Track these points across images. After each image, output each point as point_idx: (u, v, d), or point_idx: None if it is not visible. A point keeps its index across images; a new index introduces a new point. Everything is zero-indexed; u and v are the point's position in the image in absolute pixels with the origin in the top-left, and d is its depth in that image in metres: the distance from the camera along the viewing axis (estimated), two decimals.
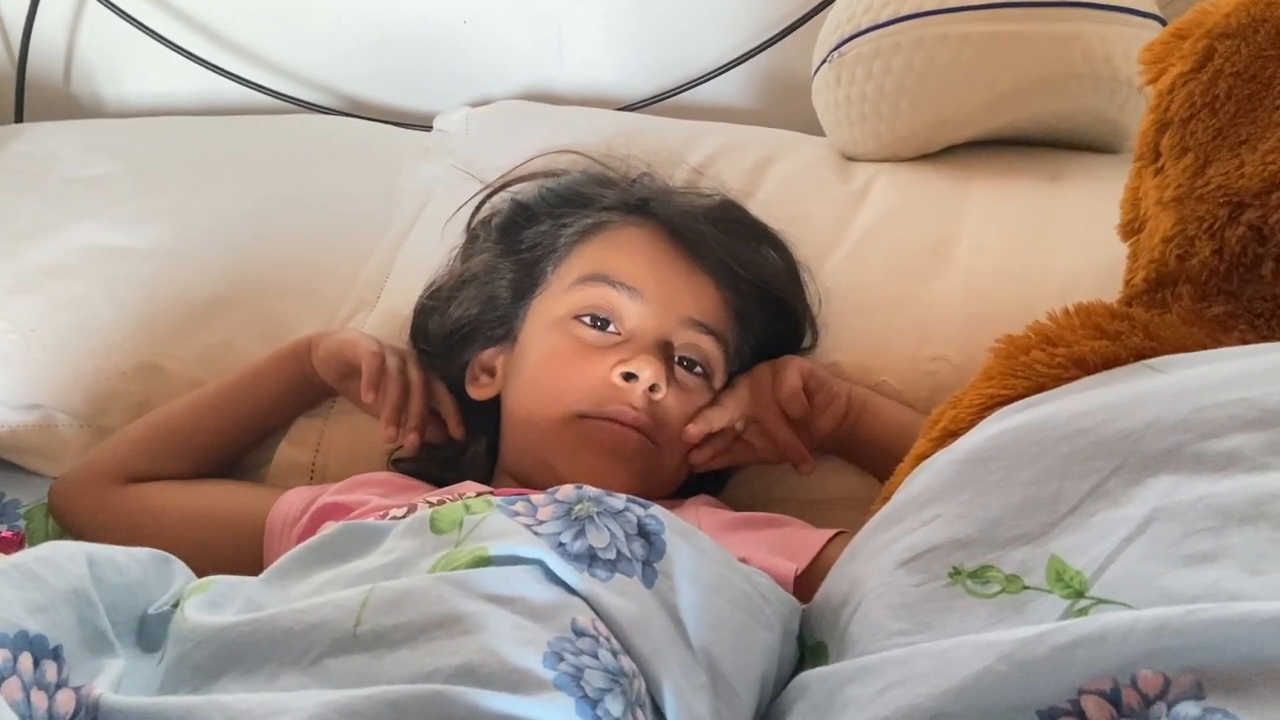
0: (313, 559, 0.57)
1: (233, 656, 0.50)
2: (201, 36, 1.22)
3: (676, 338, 0.76)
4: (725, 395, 0.78)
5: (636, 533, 0.55)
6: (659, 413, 0.74)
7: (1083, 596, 0.43)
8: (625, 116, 1.11)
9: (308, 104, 1.22)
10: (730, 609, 0.55)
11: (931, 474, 0.54)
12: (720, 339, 0.77)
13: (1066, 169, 0.91)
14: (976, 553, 0.48)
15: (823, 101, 0.98)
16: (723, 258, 0.78)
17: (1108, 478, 0.47)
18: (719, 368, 0.78)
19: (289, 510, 0.76)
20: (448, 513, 0.56)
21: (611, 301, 0.75)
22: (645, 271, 0.76)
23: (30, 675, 0.46)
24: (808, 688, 0.50)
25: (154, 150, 1.07)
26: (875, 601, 0.50)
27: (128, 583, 0.55)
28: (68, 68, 1.26)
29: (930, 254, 0.84)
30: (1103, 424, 0.49)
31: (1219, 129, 0.60)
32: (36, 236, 0.94)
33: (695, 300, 0.77)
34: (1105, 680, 0.38)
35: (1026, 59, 0.86)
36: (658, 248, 0.78)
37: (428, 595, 0.49)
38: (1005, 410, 0.56)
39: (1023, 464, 0.50)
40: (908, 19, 0.88)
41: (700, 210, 0.82)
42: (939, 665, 0.42)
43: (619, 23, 1.18)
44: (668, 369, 0.74)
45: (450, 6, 1.18)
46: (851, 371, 0.81)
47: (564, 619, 0.49)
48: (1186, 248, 0.61)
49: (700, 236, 0.79)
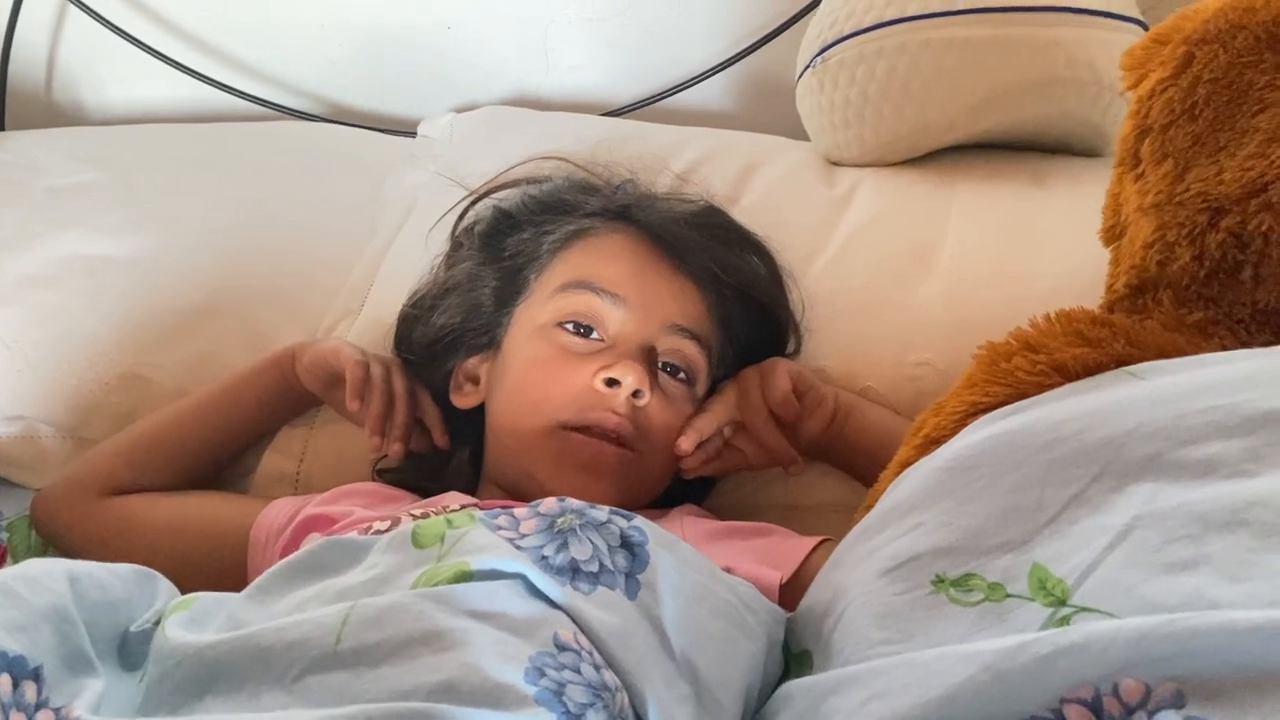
0: (295, 575, 0.57)
1: (214, 676, 0.50)
2: (184, 43, 1.22)
3: (660, 343, 0.76)
4: (713, 401, 0.78)
5: (619, 544, 0.55)
6: (642, 419, 0.74)
7: (1064, 605, 0.44)
8: (611, 122, 1.11)
9: (291, 111, 1.22)
10: (714, 619, 0.55)
11: (914, 482, 0.54)
12: (704, 344, 0.77)
13: (1050, 173, 0.92)
14: (959, 561, 0.48)
15: (807, 107, 0.98)
16: (705, 263, 0.78)
17: (1089, 485, 0.47)
18: (702, 373, 0.78)
19: (273, 522, 0.76)
20: (429, 527, 0.55)
21: (594, 308, 0.75)
22: (628, 278, 0.76)
23: (9, 696, 0.45)
24: (791, 698, 0.50)
25: (137, 158, 1.07)
26: (858, 611, 0.50)
27: (109, 600, 0.54)
28: (49, 75, 1.25)
29: (914, 259, 0.84)
30: (1084, 431, 0.49)
31: (1198, 135, 0.61)
32: (19, 246, 0.94)
33: (678, 305, 0.77)
34: (1087, 689, 0.38)
35: (1009, 64, 0.86)
36: (640, 254, 0.78)
37: (409, 611, 0.49)
38: (987, 418, 0.56)
39: (1004, 471, 0.50)
40: (891, 24, 0.88)
41: (683, 215, 0.82)
42: (921, 676, 0.42)
43: (604, 28, 1.18)
44: (651, 374, 0.74)
45: (434, 12, 1.18)
46: (836, 377, 0.81)
47: (546, 633, 0.49)
48: (1167, 253, 0.61)
49: (683, 241, 0.79)
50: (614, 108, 1.18)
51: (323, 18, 1.19)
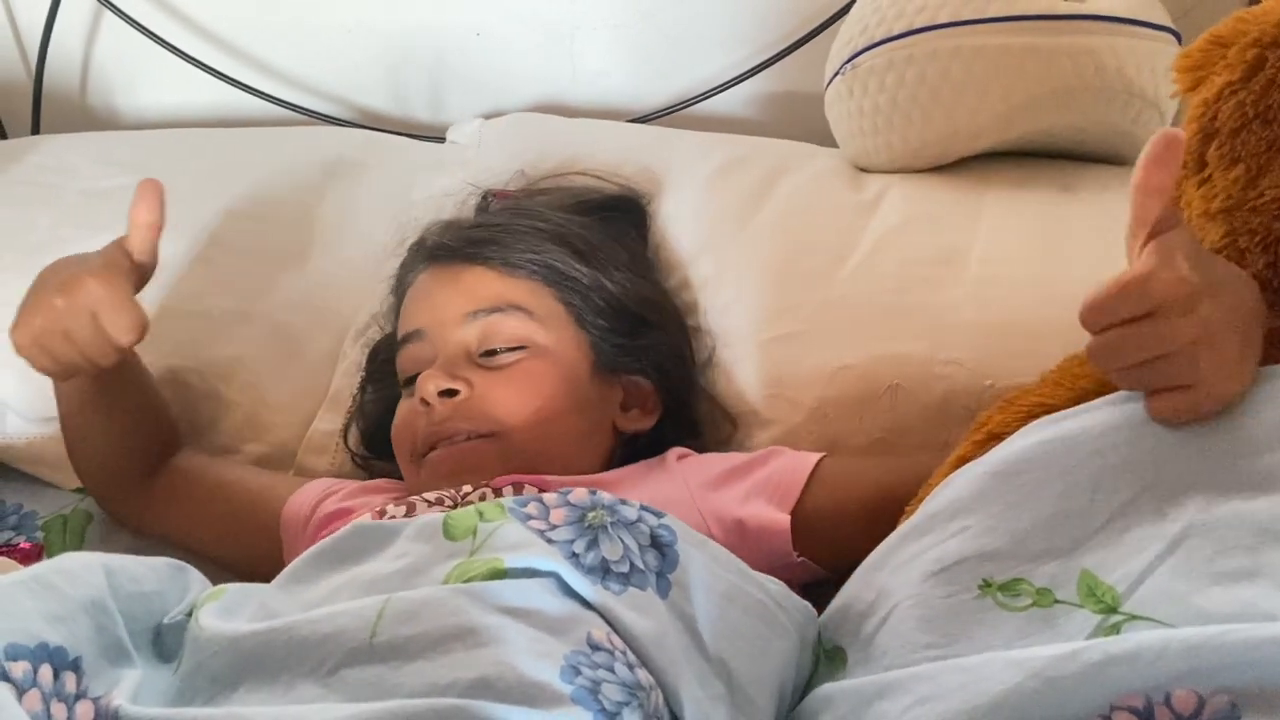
0: (324, 562, 0.57)
1: (249, 666, 0.50)
2: (216, 48, 1.23)
3: (468, 338, 0.77)
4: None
5: (650, 544, 0.55)
6: (478, 408, 0.74)
7: (1115, 612, 0.43)
8: (637, 128, 1.12)
9: (321, 115, 1.23)
10: (745, 618, 0.55)
11: (960, 485, 0.54)
12: (511, 309, 0.77)
13: (1079, 181, 0.91)
14: (1006, 565, 0.48)
15: (836, 113, 0.98)
16: (486, 243, 0.80)
17: (1140, 493, 0.47)
18: (536, 331, 0.77)
19: (300, 509, 0.78)
20: (461, 519, 0.56)
21: (408, 358, 0.79)
22: (419, 309, 0.81)
23: (50, 687, 0.46)
24: (832, 700, 0.50)
25: (169, 162, 1.08)
26: (904, 614, 0.49)
27: (144, 592, 0.55)
28: (84, 80, 1.26)
29: (943, 263, 0.84)
30: (1136, 439, 0.49)
31: (1272, 140, 0.59)
32: (54, 249, 0.94)
33: (469, 296, 0.78)
34: (1138, 698, 0.38)
35: (1040, 72, 0.86)
36: (429, 279, 0.82)
37: (444, 606, 0.49)
38: (1037, 423, 0.55)
39: (1053, 477, 0.50)
40: (922, 31, 0.88)
41: (473, 219, 0.87)
42: (968, 681, 0.42)
43: (630, 35, 1.18)
44: (450, 373, 0.75)
45: (463, 18, 1.19)
46: (864, 377, 0.80)
47: (579, 633, 0.50)
48: (1237, 259, 0.59)
49: (457, 239, 0.82)
50: (640, 114, 1.18)
51: (353, 23, 1.20)
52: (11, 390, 0.88)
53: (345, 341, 0.92)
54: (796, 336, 0.84)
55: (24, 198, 1.01)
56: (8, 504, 0.87)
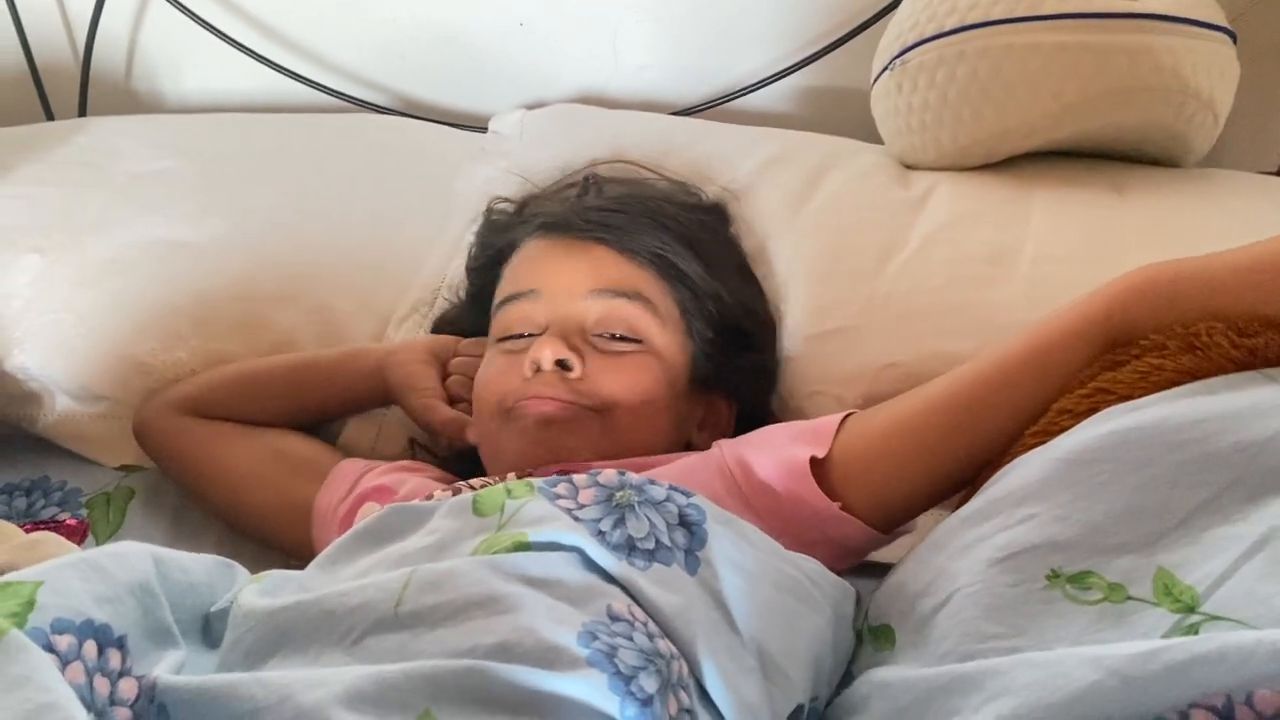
0: (360, 544, 0.58)
1: (281, 639, 0.51)
2: (261, 34, 1.24)
3: (588, 313, 0.76)
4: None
5: (678, 522, 0.55)
6: (588, 387, 0.74)
7: (1193, 612, 0.43)
8: (680, 121, 1.11)
9: (365, 103, 1.23)
10: (777, 594, 0.56)
11: (1028, 471, 0.53)
12: (638, 298, 0.77)
13: (1130, 182, 0.90)
14: (1077, 557, 0.47)
15: (883, 109, 0.97)
16: (610, 227, 0.80)
17: (1221, 492, 0.46)
18: (651, 326, 0.77)
19: (332, 497, 0.79)
20: (490, 496, 0.57)
21: (517, 314, 0.78)
22: (538, 270, 0.80)
23: (94, 661, 0.46)
24: (889, 688, 0.49)
25: (214, 147, 1.08)
26: (968, 600, 0.49)
27: (191, 582, 0.56)
28: (129, 64, 1.27)
29: (992, 262, 0.83)
30: (1215, 435, 0.48)
31: None
32: (102, 230, 0.96)
33: (594, 272, 0.78)
34: (1218, 696, 0.38)
35: (1094, 70, 0.85)
36: (547, 246, 0.81)
37: (467, 576, 0.50)
38: (1111, 410, 0.54)
39: (1129, 469, 0.49)
40: (973, 28, 0.87)
41: (581, 199, 0.87)
42: (1042, 677, 0.41)
43: (673, 28, 1.18)
44: (570, 344, 0.74)
45: (506, 9, 1.19)
46: (910, 375, 0.79)
47: (599, 604, 0.50)
48: None
49: (578, 215, 0.81)
50: (682, 107, 1.18)
51: (398, 12, 1.20)
52: (60, 371, 0.89)
53: (389, 327, 0.92)
54: (842, 333, 0.83)
55: (75, 179, 1.02)
56: (53, 481, 0.88)
